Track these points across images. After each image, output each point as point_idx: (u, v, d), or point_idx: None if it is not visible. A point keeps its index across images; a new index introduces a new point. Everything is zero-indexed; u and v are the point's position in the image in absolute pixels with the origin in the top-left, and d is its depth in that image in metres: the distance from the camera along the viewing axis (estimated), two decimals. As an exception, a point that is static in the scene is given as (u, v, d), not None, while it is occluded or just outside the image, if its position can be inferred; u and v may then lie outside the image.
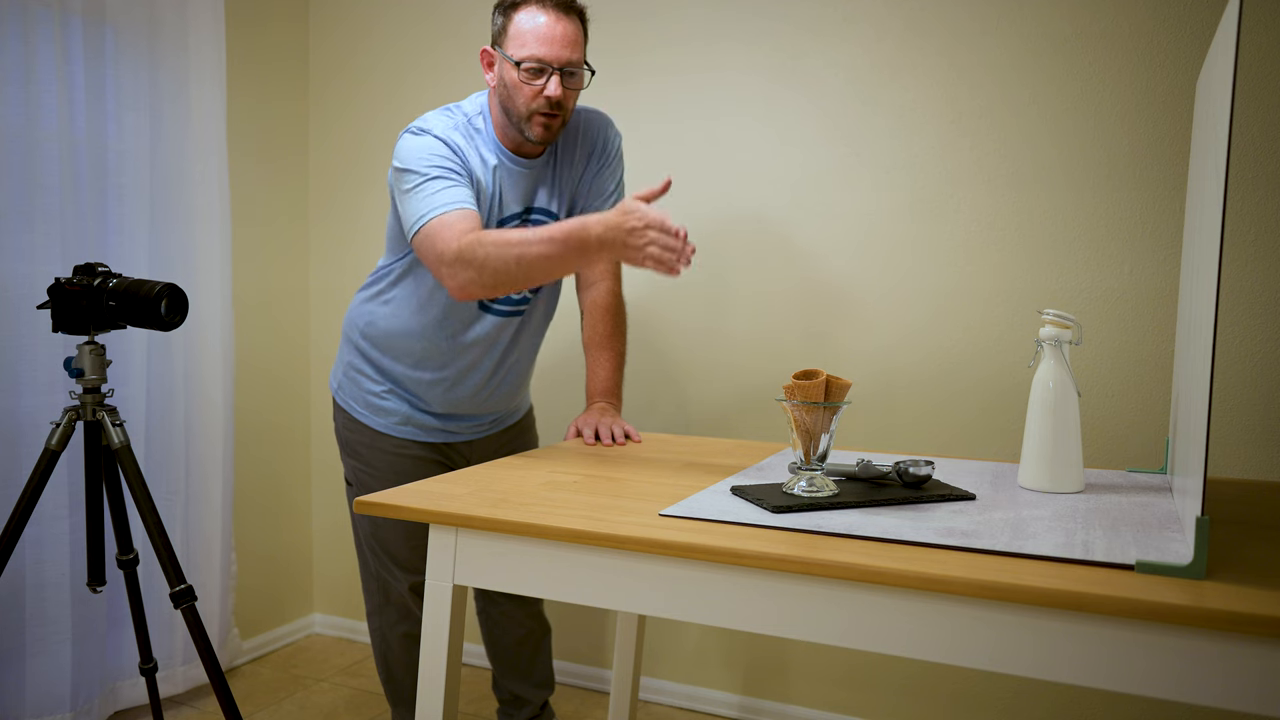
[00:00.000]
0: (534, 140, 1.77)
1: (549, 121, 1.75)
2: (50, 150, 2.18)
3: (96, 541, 1.96)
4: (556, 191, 1.89)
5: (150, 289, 1.81)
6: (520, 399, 2.08)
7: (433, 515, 1.27)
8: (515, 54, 1.72)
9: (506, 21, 1.74)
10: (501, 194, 1.81)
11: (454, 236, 1.61)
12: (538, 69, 1.71)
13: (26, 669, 2.19)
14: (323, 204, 2.99)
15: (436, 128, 1.75)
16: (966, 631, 1.03)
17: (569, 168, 1.90)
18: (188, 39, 2.48)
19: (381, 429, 1.96)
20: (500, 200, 1.82)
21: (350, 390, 1.99)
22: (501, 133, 1.82)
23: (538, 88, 1.72)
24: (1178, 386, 1.40)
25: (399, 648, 2.06)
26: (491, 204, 1.81)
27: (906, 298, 2.31)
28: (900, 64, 2.28)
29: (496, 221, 1.83)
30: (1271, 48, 1.99)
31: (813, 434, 1.30)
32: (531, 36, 1.70)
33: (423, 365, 1.91)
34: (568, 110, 1.77)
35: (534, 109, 1.73)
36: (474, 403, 1.96)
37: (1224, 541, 1.15)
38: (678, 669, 2.59)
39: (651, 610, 1.18)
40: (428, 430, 1.96)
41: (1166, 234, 2.09)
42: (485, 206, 1.80)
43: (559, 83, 1.72)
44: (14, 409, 2.16)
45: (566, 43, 1.72)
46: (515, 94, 1.74)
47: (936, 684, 2.34)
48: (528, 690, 2.22)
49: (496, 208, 1.82)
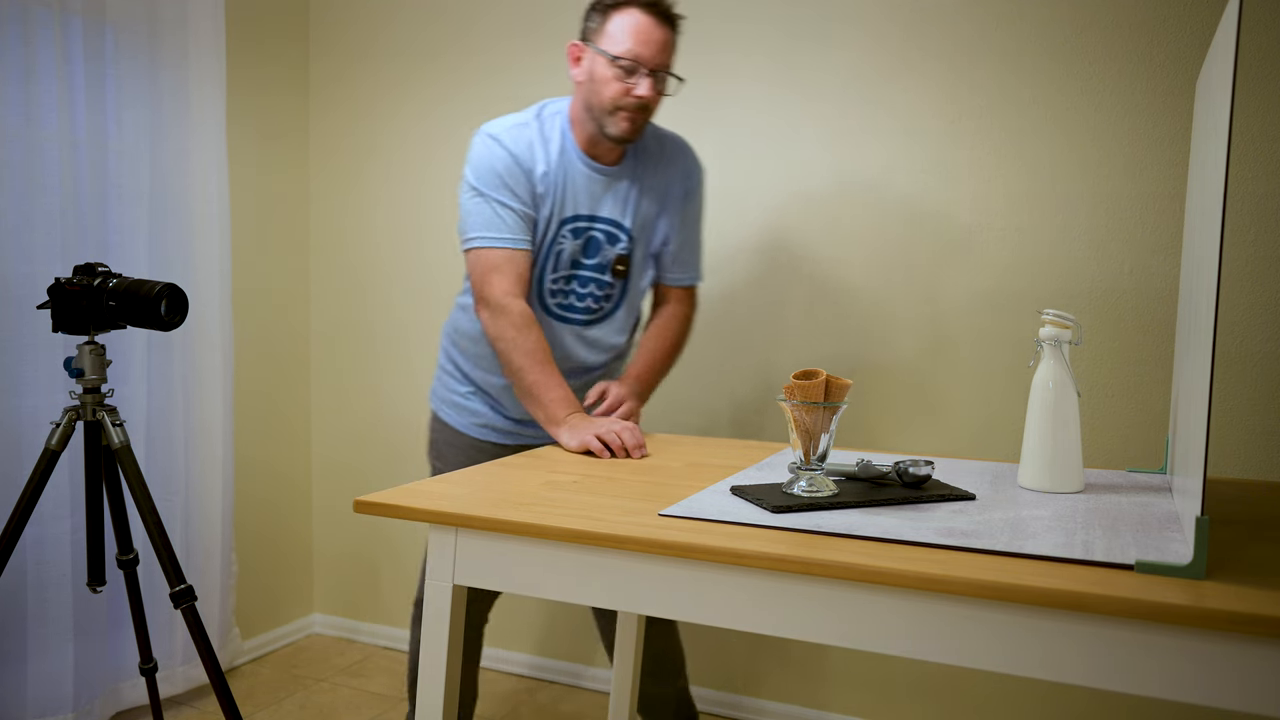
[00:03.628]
0: (614, 137, 1.80)
1: (634, 118, 1.79)
2: (50, 150, 2.18)
3: (96, 541, 1.95)
4: (630, 205, 1.91)
5: (150, 289, 1.81)
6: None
7: (433, 515, 1.27)
8: (611, 50, 1.76)
9: (605, 19, 1.79)
10: (567, 196, 1.85)
11: (499, 290, 1.78)
12: (631, 67, 1.76)
13: (28, 669, 2.19)
14: (323, 204, 2.99)
15: (507, 138, 1.82)
16: (966, 631, 1.03)
17: (647, 185, 1.93)
18: (188, 39, 2.48)
19: (462, 428, 2.00)
20: (565, 202, 1.85)
21: (440, 391, 2.05)
22: (580, 134, 1.86)
23: (629, 85, 1.77)
24: (1178, 386, 1.40)
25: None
26: (555, 206, 1.84)
27: (906, 297, 2.31)
28: (900, 64, 2.28)
29: (559, 222, 1.85)
30: (1272, 48, 1.99)
31: (813, 434, 1.30)
32: (630, 35, 1.75)
33: (499, 369, 1.93)
34: (651, 111, 1.82)
35: (620, 105, 1.78)
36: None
37: (1224, 541, 1.15)
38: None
39: (651, 610, 1.18)
40: (505, 433, 1.99)
41: (1167, 234, 2.09)
42: (546, 211, 1.83)
43: (651, 84, 1.77)
44: (14, 409, 2.16)
45: (662, 47, 1.78)
46: (604, 89, 1.78)
47: (937, 684, 2.34)
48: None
49: (560, 208, 1.85)
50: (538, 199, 1.84)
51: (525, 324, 1.77)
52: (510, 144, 1.82)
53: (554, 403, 1.74)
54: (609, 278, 1.93)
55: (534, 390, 1.76)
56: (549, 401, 1.75)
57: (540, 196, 1.84)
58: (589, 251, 1.90)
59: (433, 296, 2.84)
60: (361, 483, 2.99)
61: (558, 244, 1.87)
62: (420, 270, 2.86)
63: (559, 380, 1.77)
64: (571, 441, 1.68)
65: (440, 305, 2.83)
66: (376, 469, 2.96)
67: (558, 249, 1.88)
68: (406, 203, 2.86)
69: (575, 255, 1.89)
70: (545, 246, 1.87)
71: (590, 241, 1.89)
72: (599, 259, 1.91)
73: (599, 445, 1.64)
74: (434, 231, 2.83)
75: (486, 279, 1.80)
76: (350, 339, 2.97)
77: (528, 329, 1.77)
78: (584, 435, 1.66)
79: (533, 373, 1.76)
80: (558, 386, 1.76)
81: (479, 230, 1.81)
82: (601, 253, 1.90)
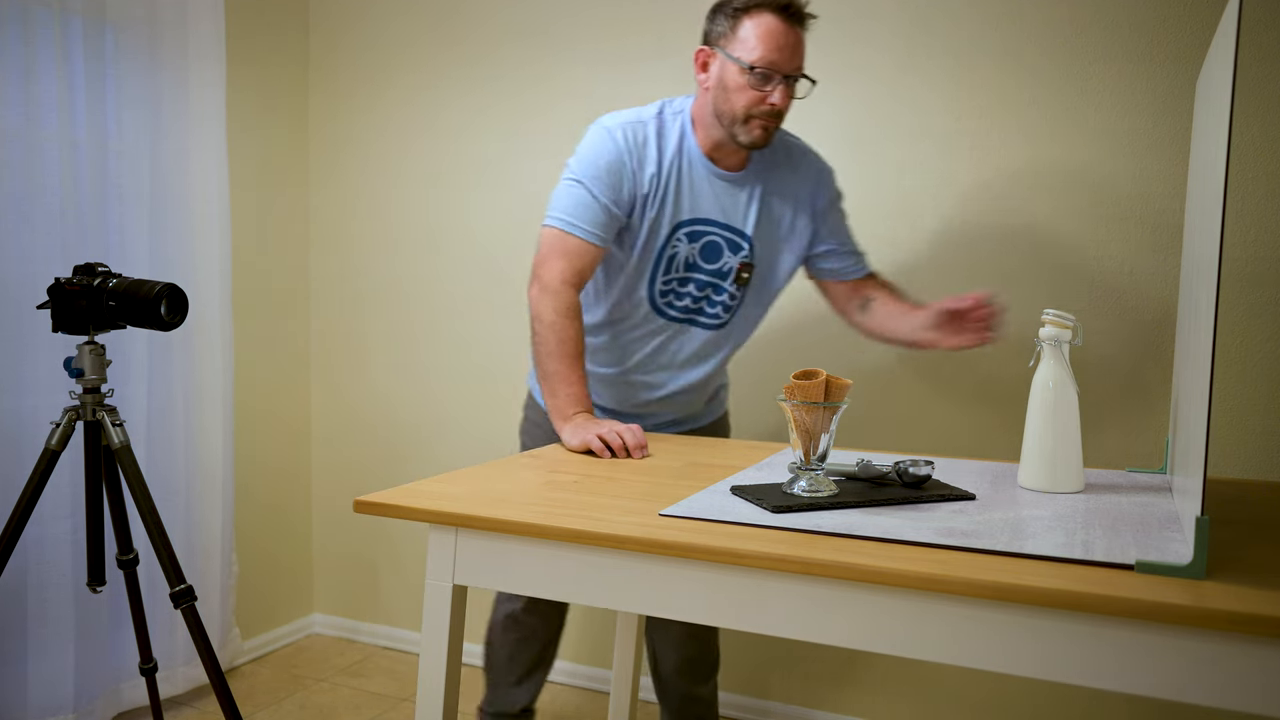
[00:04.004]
0: (747, 144, 1.76)
1: (767, 125, 1.74)
2: (50, 150, 2.18)
3: (96, 541, 1.96)
4: (752, 212, 1.85)
5: (150, 289, 1.81)
6: (701, 405, 2.04)
7: (433, 515, 1.27)
8: (745, 57, 1.70)
9: (735, 24, 1.72)
10: (683, 199, 1.82)
11: (557, 274, 1.76)
12: (766, 74, 1.70)
13: (29, 669, 2.19)
14: (323, 203, 2.99)
15: (620, 133, 1.79)
16: (966, 631, 1.03)
17: (774, 194, 1.87)
18: (188, 38, 2.48)
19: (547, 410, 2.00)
20: (680, 205, 1.81)
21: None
22: (703, 136, 1.81)
23: (763, 93, 1.72)
24: (1178, 386, 1.40)
25: (499, 627, 2.07)
26: (668, 208, 1.81)
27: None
28: (900, 65, 2.28)
29: (673, 225, 1.82)
30: (1272, 47, 1.99)
31: (813, 434, 1.30)
32: (763, 41, 1.69)
33: (598, 357, 1.94)
34: (783, 118, 1.77)
35: (754, 113, 1.73)
36: (647, 404, 1.96)
37: (1224, 541, 1.15)
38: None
39: (651, 610, 1.18)
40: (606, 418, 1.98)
41: (1166, 234, 2.09)
42: (654, 213, 1.80)
43: (784, 90, 1.72)
44: (14, 409, 2.16)
45: (795, 50, 1.72)
46: (736, 97, 1.73)
47: (937, 684, 2.34)
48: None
49: (675, 211, 1.81)
50: (641, 200, 1.80)
51: (570, 313, 1.76)
52: (622, 140, 1.78)
53: (567, 397, 1.74)
54: (730, 284, 1.87)
55: (553, 379, 1.75)
56: (563, 395, 1.74)
57: (645, 198, 1.80)
58: (708, 256, 1.85)
59: (434, 296, 2.84)
60: (361, 483, 2.99)
61: (671, 247, 1.83)
62: (421, 270, 2.86)
63: (579, 377, 1.76)
64: (573, 440, 1.68)
65: (441, 305, 2.83)
66: (376, 469, 2.96)
67: (671, 252, 1.83)
68: (408, 202, 2.86)
69: (692, 259, 1.85)
70: (657, 250, 1.83)
71: (709, 246, 1.84)
72: (719, 264, 1.86)
73: (599, 445, 1.63)
74: (435, 231, 2.83)
75: (550, 259, 1.78)
76: (350, 339, 2.97)
77: (571, 319, 1.76)
78: (585, 435, 1.66)
79: (559, 362, 1.75)
80: (577, 383, 1.75)
81: (562, 212, 1.79)
82: (722, 259, 1.85)
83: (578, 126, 2.61)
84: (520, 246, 2.72)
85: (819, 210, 1.92)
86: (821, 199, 1.92)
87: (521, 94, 2.68)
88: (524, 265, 2.71)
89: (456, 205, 2.79)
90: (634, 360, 1.92)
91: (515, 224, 2.72)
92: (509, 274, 2.74)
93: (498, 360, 2.77)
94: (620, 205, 1.79)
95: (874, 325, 1.95)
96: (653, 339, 1.90)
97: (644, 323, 1.89)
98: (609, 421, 1.69)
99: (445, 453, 2.86)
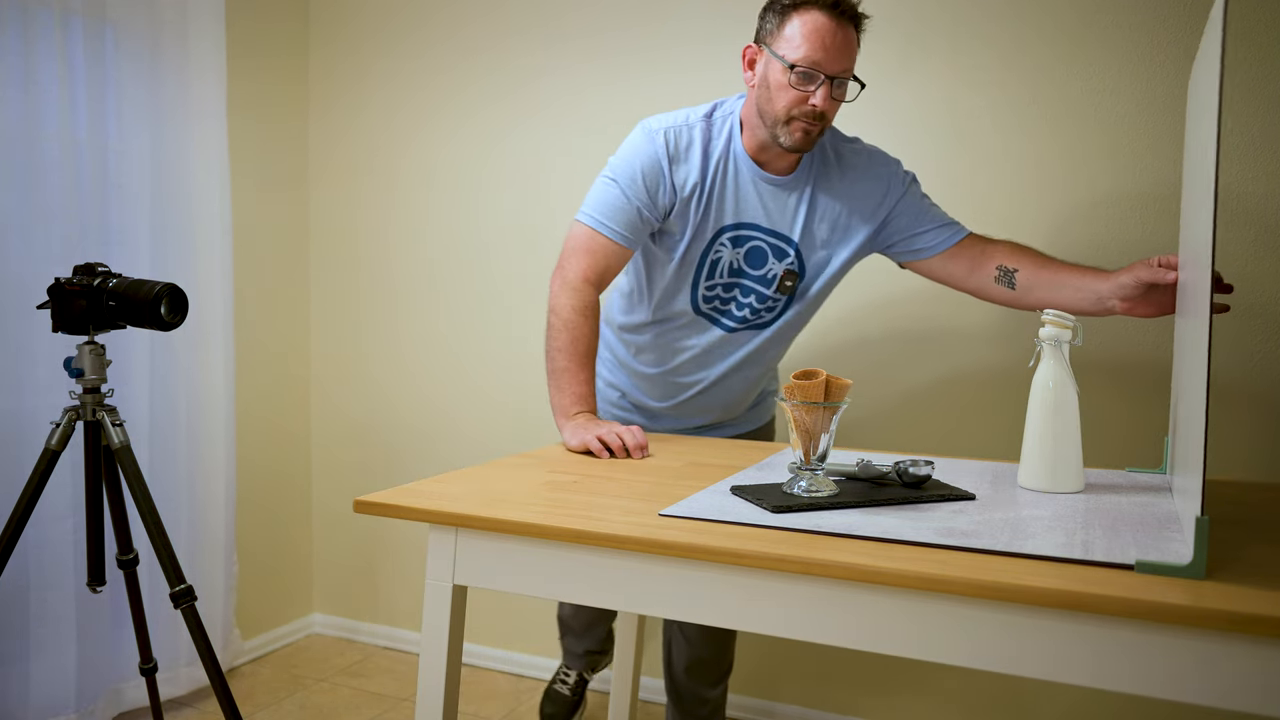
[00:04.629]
0: (788, 147, 1.70)
1: (809, 128, 1.68)
2: (50, 150, 2.18)
3: (97, 541, 1.96)
4: (800, 219, 1.80)
5: (150, 289, 1.82)
6: (744, 409, 2.04)
7: (432, 515, 1.27)
8: (788, 55, 1.64)
9: (782, 21, 1.66)
10: (727, 204, 1.78)
11: (580, 271, 1.77)
12: (809, 74, 1.64)
13: (30, 670, 2.19)
14: (324, 203, 2.99)
15: (663, 137, 1.76)
16: (966, 631, 1.03)
17: (824, 200, 1.81)
18: (188, 38, 2.48)
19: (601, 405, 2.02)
20: (724, 209, 1.78)
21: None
22: (750, 139, 1.77)
23: (805, 93, 1.65)
24: (1177, 386, 1.40)
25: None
26: (711, 212, 1.77)
27: (906, 297, 2.31)
28: (900, 65, 2.28)
29: (716, 230, 1.78)
30: (1269, 46, 1.99)
31: (813, 434, 1.30)
32: (808, 40, 1.63)
33: (641, 356, 1.95)
34: (828, 121, 1.70)
35: (795, 114, 1.67)
36: (690, 405, 1.97)
37: (1224, 541, 1.15)
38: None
39: (651, 610, 1.18)
40: (647, 417, 2.00)
41: (1166, 234, 2.09)
42: (698, 217, 1.77)
43: (827, 93, 1.65)
44: (14, 409, 2.16)
45: (843, 50, 1.65)
46: (778, 96, 1.67)
47: (938, 684, 2.34)
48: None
49: (718, 215, 1.78)
50: (681, 204, 1.77)
51: (586, 311, 1.76)
52: (662, 143, 1.75)
53: (572, 396, 1.73)
54: (771, 291, 1.83)
55: (560, 376, 1.75)
56: (569, 393, 1.73)
57: (687, 202, 1.77)
58: (752, 261, 1.81)
59: (434, 296, 2.84)
60: (362, 483, 2.99)
61: (715, 251, 1.80)
62: (421, 270, 2.86)
63: (587, 377, 1.75)
64: (573, 440, 1.68)
65: (441, 305, 2.83)
66: (376, 469, 2.96)
67: (714, 257, 1.80)
68: (408, 202, 2.86)
69: (736, 264, 1.81)
70: (700, 254, 1.80)
71: (754, 251, 1.80)
72: (763, 270, 1.82)
73: (599, 445, 1.63)
74: (436, 231, 2.83)
75: (575, 255, 1.78)
76: (350, 339, 2.97)
77: (586, 317, 1.75)
78: (585, 435, 1.65)
79: (569, 359, 1.74)
80: (584, 382, 1.74)
81: (594, 209, 1.78)
82: (766, 264, 1.81)
83: (580, 124, 2.62)
84: (521, 246, 2.72)
85: (890, 209, 1.83)
86: (892, 197, 1.83)
87: (522, 93, 2.68)
88: (525, 265, 2.71)
89: (457, 205, 2.79)
90: (677, 361, 1.92)
91: (516, 224, 2.72)
92: (510, 274, 2.74)
93: (498, 360, 2.77)
94: (653, 209, 1.77)
95: (1036, 299, 1.77)
96: (696, 341, 1.89)
97: (687, 325, 1.89)
98: (609, 422, 1.69)
99: (445, 453, 2.86)
